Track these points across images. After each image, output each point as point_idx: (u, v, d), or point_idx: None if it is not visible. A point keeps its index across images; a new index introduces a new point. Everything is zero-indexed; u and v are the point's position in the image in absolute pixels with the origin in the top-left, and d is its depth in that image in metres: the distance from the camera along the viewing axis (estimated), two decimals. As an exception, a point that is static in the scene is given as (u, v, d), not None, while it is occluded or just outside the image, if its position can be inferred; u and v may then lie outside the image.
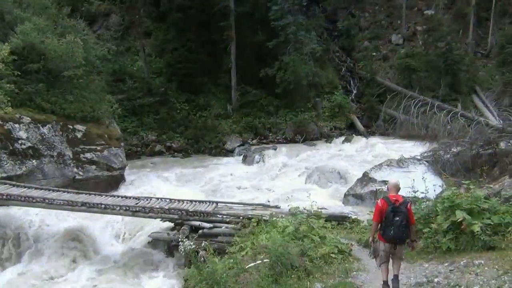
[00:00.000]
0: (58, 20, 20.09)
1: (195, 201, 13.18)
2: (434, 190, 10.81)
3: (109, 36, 28.67)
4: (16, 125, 15.63)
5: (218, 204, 13.11)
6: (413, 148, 22.78)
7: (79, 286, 11.23)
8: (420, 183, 10.49)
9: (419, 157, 17.94)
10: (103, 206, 12.25)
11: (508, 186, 12.31)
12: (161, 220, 12.59)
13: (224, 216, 11.97)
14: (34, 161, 15.67)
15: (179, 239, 9.09)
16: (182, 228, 11.79)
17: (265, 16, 29.01)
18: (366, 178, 16.39)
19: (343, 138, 27.95)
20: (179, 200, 13.08)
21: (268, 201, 13.36)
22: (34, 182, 14.76)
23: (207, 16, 28.45)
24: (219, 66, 29.25)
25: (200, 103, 28.28)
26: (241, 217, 11.56)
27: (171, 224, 12.53)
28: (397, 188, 6.44)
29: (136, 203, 12.51)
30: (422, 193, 10.39)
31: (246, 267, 7.59)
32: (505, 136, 17.51)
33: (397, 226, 5.98)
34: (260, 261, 7.66)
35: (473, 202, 8.10)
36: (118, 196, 13.56)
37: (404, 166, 16.62)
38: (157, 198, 13.20)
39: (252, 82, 29.54)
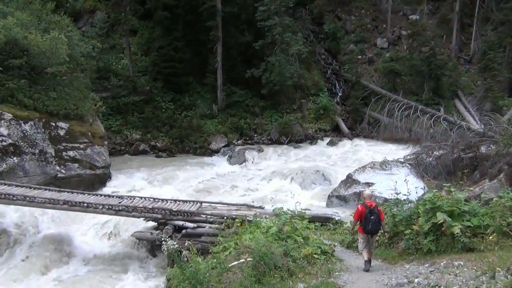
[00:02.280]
0: (42, 16, 19.80)
1: (179, 200, 13.13)
2: (416, 193, 10.94)
3: (94, 33, 28.38)
4: (-3, 122, 15.38)
5: (202, 204, 13.08)
6: (397, 151, 23.08)
7: (60, 285, 11.10)
8: (403, 185, 10.64)
9: (402, 160, 18.19)
10: (85, 204, 12.13)
11: (488, 189, 12.56)
12: (144, 220, 12.51)
13: (208, 216, 11.95)
14: (15, 158, 15.43)
15: (162, 239, 9.03)
16: (166, 227, 11.75)
17: (252, 17, 29.07)
18: (349, 180, 16.53)
19: (327, 140, 28.15)
20: (162, 200, 13.02)
21: (252, 202, 13.34)
22: (14, 180, 14.54)
23: (194, 16, 28.36)
24: (205, 66, 29.16)
25: (186, 103, 28.17)
26: (225, 217, 11.55)
27: (155, 224, 12.46)
28: (370, 197, 8.74)
29: (119, 202, 12.42)
30: (404, 195, 10.51)
31: (229, 265, 7.57)
32: (485, 140, 17.83)
33: (373, 222, 8.18)
34: (243, 260, 7.65)
35: (454, 205, 8.22)
36: (101, 195, 13.44)
37: (387, 168, 16.81)
38: (141, 197, 13.12)
39: (238, 83, 29.56)
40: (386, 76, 32.24)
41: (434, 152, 18.07)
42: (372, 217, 8.11)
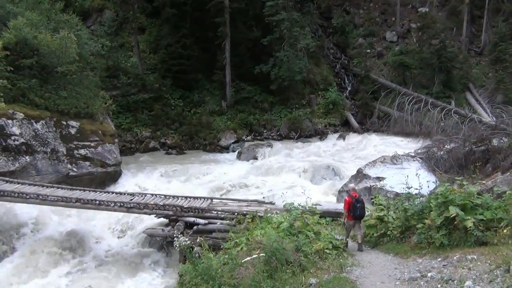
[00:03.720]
0: (51, 15, 19.95)
1: (190, 197, 13.18)
2: (428, 186, 10.88)
3: (102, 32, 28.50)
4: (9, 121, 15.53)
5: (213, 200, 13.13)
6: (407, 145, 22.91)
7: (72, 283, 11.20)
8: (414, 180, 10.55)
9: (413, 154, 18.03)
10: (97, 202, 12.24)
11: (500, 182, 12.43)
12: (155, 216, 12.59)
13: (219, 212, 11.99)
14: (27, 157, 15.59)
15: (174, 235, 9.10)
16: (177, 224, 11.81)
17: (259, 13, 29.02)
18: (360, 175, 16.43)
19: (337, 135, 28.04)
20: (173, 196, 13.09)
21: (263, 197, 13.37)
22: (27, 179, 14.71)
23: (202, 12, 28.39)
24: (213, 63, 29.18)
25: (195, 100, 28.25)
26: (236, 213, 11.59)
27: (166, 220, 12.53)
28: (354, 189, 10.49)
29: (131, 199, 12.50)
30: (416, 189, 10.44)
31: (242, 261, 7.59)
32: (497, 133, 17.60)
33: (360, 209, 9.59)
34: (256, 256, 7.67)
35: (466, 198, 8.14)
36: (112, 192, 13.54)
37: (398, 162, 16.68)
38: (152, 194, 13.20)
39: (246, 79, 29.54)
40: (395, 70, 32.04)
41: (445, 146, 17.88)
42: (359, 204, 9.56)
